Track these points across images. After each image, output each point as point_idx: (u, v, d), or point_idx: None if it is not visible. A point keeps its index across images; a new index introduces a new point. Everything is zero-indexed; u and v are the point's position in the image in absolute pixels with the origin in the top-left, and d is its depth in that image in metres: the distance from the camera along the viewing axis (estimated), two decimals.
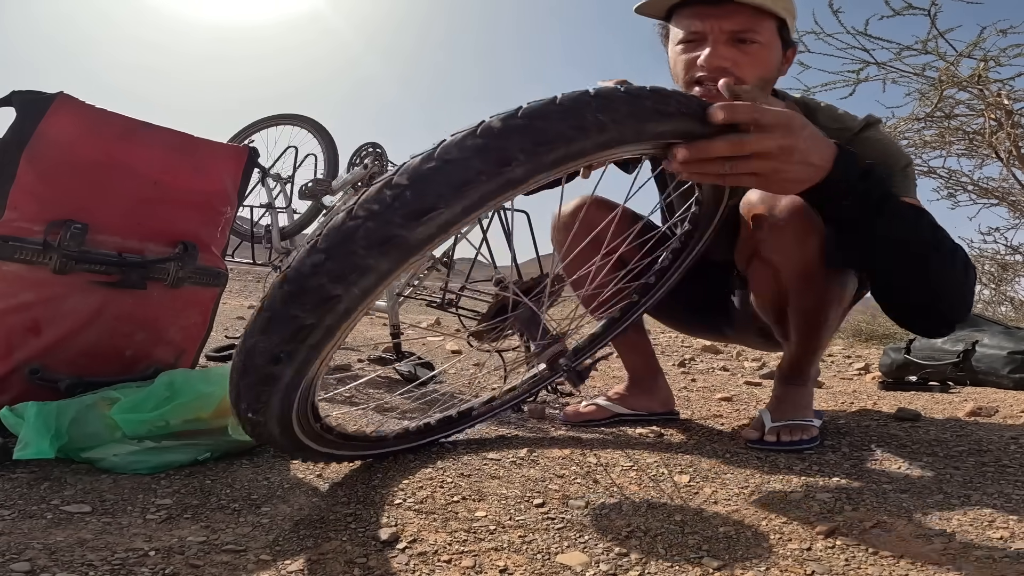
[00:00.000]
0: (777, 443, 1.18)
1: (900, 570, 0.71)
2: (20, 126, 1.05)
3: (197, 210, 1.26)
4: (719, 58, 1.04)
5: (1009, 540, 0.78)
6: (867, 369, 2.70)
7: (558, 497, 0.95)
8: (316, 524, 0.81)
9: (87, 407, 0.98)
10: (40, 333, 1.07)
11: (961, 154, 4.55)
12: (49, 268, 1.05)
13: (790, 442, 1.18)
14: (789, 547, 0.78)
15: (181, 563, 0.68)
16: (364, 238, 0.57)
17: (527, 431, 1.37)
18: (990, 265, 4.91)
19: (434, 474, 1.03)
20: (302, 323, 0.59)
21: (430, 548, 0.75)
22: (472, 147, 0.60)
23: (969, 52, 3.74)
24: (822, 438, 1.23)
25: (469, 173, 0.60)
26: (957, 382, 2.15)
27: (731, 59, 1.04)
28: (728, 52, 1.04)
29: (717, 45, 1.04)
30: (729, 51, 1.04)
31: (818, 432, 1.21)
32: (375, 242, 0.57)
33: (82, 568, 0.65)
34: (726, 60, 1.04)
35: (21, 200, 1.04)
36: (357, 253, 0.57)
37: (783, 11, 1.05)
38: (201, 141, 1.27)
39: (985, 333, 2.16)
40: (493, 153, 0.60)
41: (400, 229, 0.57)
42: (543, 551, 0.76)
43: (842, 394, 2.00)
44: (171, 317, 1.23)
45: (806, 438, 1.18)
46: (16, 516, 0.77)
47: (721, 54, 1.04)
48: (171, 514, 0.81)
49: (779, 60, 1.11)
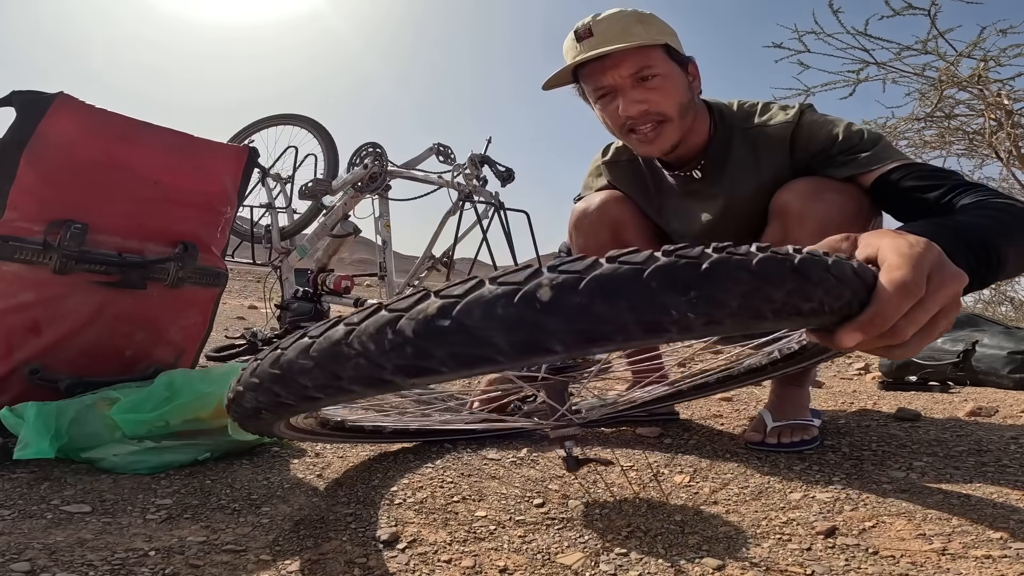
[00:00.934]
0: (778, 444, 1.19)
1: (900, 570, 0.71)
2: (20, 126, 1.05)
3: (197, 210, 1.26)
4: (633, 104, 1.11)
5: (1009, 540, 0.77)
6: (867, 369, 2.70)
7: (558, 497, 0.95)
8: (316, 524, 0.81)
9: (87, 407, 0.98)
10: (40, 333, 1.07)
11: (961, 154, 4.55)
12: (49, 268, 1.05)
13: (791, 443, 1.18)
14: (789, 547, 0.78)
15: (181, 563, 0.68)
16: (353, 369, 0.54)
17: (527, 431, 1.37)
18: None
19: (434, 474, 1.03)
20: (283, 401, 0.60)
21: (430, 548, 0.75)
22: (501, 320, 0.47)
23: (969, 52, 3.75)
24: (822, 438, 1.24)
25: (486, 351, 0.48)
26: (957, 382, 2.15)
27: (643, 99, 1.11)
28: (638, 95, 1.11)
29: (626, 92, 1.11)
30: (638, 93, 1.11)
31: (818, 432, 1.22)
32: (362, 376, 0.54)
33: (82, 568, 0.65)
34: (640, 103, 1.11)
35: (21, 200, 1.04)
36: (342, 379, 0.55)
37: (660, 37, 1.11)
38: (201, 141, 1.27)
39: (985, 333, 2.16)
40: (524, 336, 0.47)
41: (391, 376, 0.52)
42: (543, 551, 0.76)
43: (842, 394, 2.00)
44: (171, 317, 1.23)
45: (807, 438, 1.19)
46: (16, 516, 0.77)
47: (633, 99, 1.11)
48: (171, 514, 0.81)
49: (685, 81, 1.16)
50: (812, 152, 1.12)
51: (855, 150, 1.07)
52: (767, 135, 1.16)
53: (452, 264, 1.98)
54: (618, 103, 1.12)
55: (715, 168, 1.21)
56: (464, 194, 1.91)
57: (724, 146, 1.20)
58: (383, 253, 2.02)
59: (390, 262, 2.01)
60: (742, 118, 1.20)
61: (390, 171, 2.00)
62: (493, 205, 1.88)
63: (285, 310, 2.36)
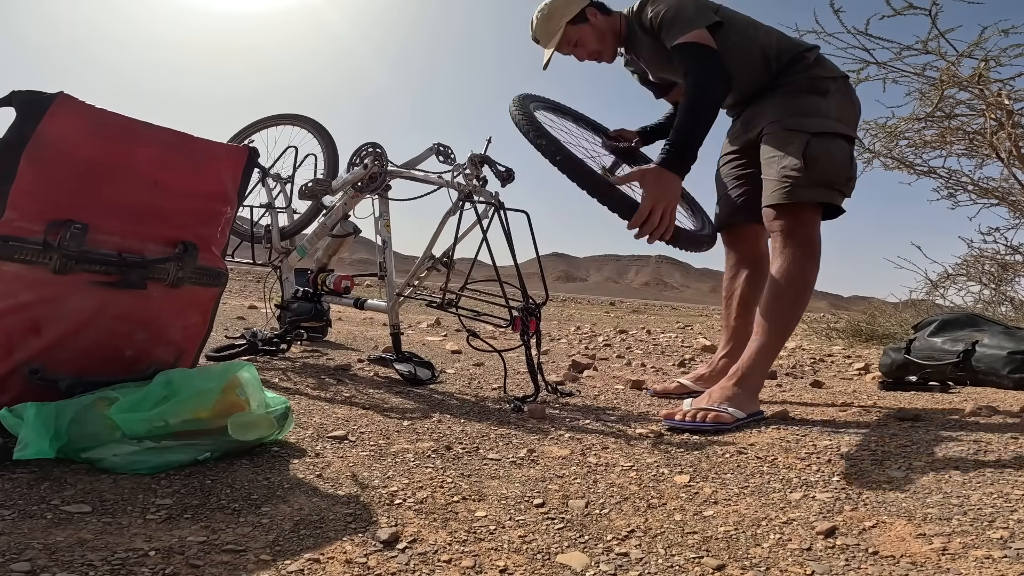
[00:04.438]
0: (683, 422, 1.43)
1: (900, 570, 0.71)
2: (20, 126, 1.05)
3: (197, 210, 1.26)
4: (579, 56, 1.90)
5: (1009, 540, 0.77)
6: (867, 369, 2.70)
7: (558, 497, 0.95)
8: (316, 524, 0.81)
9: (86, 407, 0.98)
10: (40, 333, 1.07)
11: (961, 154, 4.55)
12: (49, 268, 1.05)
13: (692, 422, 1.42)
14: (789, 547, 0.78)
15: (181, 563, 0.68)
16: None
17: (527, 431, 1.37)
18: (990, 265, 4.91)
19: (434, 474, 1.03)
20: None
21: (430, 548, 0.75)
22: None
23: (970, 52, 3.74)
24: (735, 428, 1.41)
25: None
26: (957, 382, 2.15)
27: (580, 54, 1.89)
28: (577, 52, 1.89)
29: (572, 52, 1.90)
30: (577, 52, 1.88)
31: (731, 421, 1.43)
32: None
33: (82, 568, 0.65)
34: (580, 56, 1.89)
35: (21, 200, 1.04)
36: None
37: (560, 23, 1.81)
38: (201, 141, 1.27)
39: (985, 333, 2.16)
40: None
41: None
42: (543, 551, 0.76)
43: (842, 394, 2.00)
44: (171, 317, 1.23)
45: (709, 422, 1.41)
46: (16, 516, 0.77)
47: (576, 55, 1.90)
48: (171, 514, 0.81)
49: (588, 28, 1.82)
50: (655, 34, 1.69)
51: (662, 29, 1.65)
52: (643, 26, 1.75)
53: (452, 264, 1.98)
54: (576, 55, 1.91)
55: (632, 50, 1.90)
56: (464, 194, 1.91)
57: (634, 39, 1.84)
58: (383, 253, 2.02)
59: (390, 262, 2.01)
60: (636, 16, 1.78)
61: (390, 171, 2.00)
62: (493, 205, 1.87)
63: (285, 310, 2.36)
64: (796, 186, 1.52)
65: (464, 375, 2.13)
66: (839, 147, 1.56)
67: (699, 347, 3.60)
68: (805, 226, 1.54)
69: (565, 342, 3.81)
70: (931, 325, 2.33)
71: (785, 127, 1.58)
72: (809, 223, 1.55)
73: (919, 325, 2.41)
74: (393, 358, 1.98)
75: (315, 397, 1.58)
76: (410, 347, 2.67)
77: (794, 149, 1.54)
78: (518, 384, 1.97)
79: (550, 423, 1.46)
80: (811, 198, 1.53)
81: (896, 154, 4.65)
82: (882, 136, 4.58)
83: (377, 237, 2.04)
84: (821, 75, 1.61)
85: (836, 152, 1.55)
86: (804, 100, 1.59)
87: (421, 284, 2.06)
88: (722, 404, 1.45)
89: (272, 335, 2.15)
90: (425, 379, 1.90)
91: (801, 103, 1.59)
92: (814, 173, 1.52)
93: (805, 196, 1.52)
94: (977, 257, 4.92)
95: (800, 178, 1.52)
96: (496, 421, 1.45)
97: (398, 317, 2.01)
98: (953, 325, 2.29)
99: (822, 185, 1.53)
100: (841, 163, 1.55)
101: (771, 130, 1.61)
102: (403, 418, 1.42)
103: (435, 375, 1.98)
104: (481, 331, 1.94)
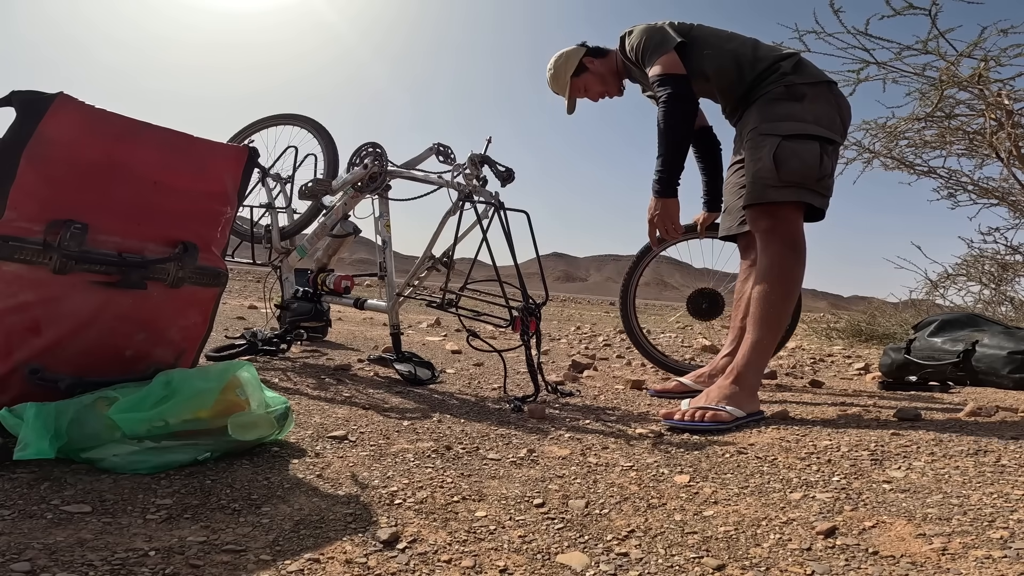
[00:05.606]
0: (682, 421, 1.45)
1: (900, 570, 0.71)
2: (20, 126, 1.05)
3: (197, 210, 1.26)
4: (591, 99, 2.17)
5: (1009, 540, 0.77)
6: (867, 369, 2.70)
7: (558, 497, 0.95)
8: (316, 524, 0.81)
9: (86, 407, 0.98)
10: (40, 333, 1.07)
11: (961, 154, 4.54)
12: (49, 268, 1.05)
13: (692, 421, 1.43)
14: (789, 547, 0.78)
15: (181, 563, 0.68)
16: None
17: (527, 431, 1.37)
18: (990, 265, 4.91)
19: (434, 474, 1.03)
20: None
21: (430, 548, 0.75)
22: None
23: (970, 52, 3.74)
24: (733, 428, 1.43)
25: None
26: (957, 382, 2.15)
27: (590, 97, 2.16)
28: (588, 96, 2.14)
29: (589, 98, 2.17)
30: (588, 96, 2.14)
31: (731, 420, 1.44)
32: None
33: (82, 568, 0.65)
34: (592, 98, 2.17)
35: (21, 200, 1.04)
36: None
37: (565, 77, 2.08)
38: (201, 141, 1.27)
39: (985, 333, 2.16)
40: None
41: None
42: (543, 551, 0.76)
43: (842, 394, 2.00)
44: (171, 317, 1.23)
45: (708, 420, 1.42)
46: (16, 516, 0.77)
47: (588, 98, 2.16)
48: (171, 514, 0.81)
49: (591, 77, 2.07)
50: (640, 65, 1.85)
51: (642, 60, 1.82)
52: (629, 59, 1.93)
53: (452, 264, 1.98)
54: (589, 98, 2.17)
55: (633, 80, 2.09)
56: (464, 194, 1.91)
57: (630, 71, 2.02)
58: (383, 253, 2.02)
59: (390, 262, 2.01)
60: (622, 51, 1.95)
61: (390, 171, 2.00)
62: (493, 205, 1.87)
63: (285, 310, 2.36)
64: (767, 187, 1.61)
65: (464, 375, 2.13)
66: (808, 148, 1.61)
67: (699, 347, 3.60)
68: (786, 224, 1.62)
69: (565, 342, 3.81)
70: (931, 325, 2.33)
71: (760, 132, 1.66)
72: (789, 222, 1.63)
73: (919, 325, 2.41)
74: (393, 358, 1.98)
75: (315, 397, 1.58)
76: (410, 347, 2.68)
77: (765, 153, 1.62)
78: (518, 384, 1.97)
79: (550, 423, 1.46)
80: (783, 198, 1.61)
81: (896, 154, 4.65)
82: (882, 136, 4.59)
83: (377, 237, 2.04)
84: (796, 81, 1.68)
85: (804, 153, 1.60)
86: (779, 106, 1.66)
87: (421, 284, 2.06)
88: (720, 403, 1.47)
89: (272, 335, 2.15)
90: (425, 379, 1.90)
91: (776, 109, 1.67)
92: (783, 174, 1.60)
93: (776, 196, 1.61)
94: (977, 257, 4.92)
95: (770, 179, 1.61)
96: (496, 421, 1.45)
97: (398, 317, 2.01)
98: (953, 325, 2.29)
99: (792, 185, 1.60)
100: (809, 163, 1.60)
101: (750, 137, 1.69)
102: (403, 418, 1.42)
103: (435, 375, 1.98)
104: (481, 331, 1.94)
